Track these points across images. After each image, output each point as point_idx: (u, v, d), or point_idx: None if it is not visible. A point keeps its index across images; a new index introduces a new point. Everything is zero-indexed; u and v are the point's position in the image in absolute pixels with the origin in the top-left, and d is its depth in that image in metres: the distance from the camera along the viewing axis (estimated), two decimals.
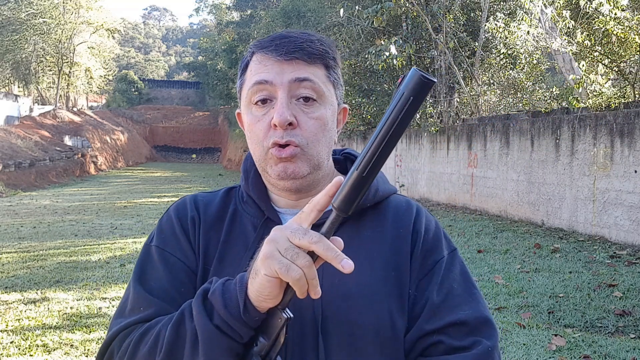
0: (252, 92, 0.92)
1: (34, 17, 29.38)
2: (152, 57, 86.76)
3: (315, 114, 0.91)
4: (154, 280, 0.94)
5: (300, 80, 0.90)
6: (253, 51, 0.95)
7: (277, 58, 0.90)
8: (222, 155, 41.28)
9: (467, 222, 9.98)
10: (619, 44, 9.87)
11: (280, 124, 0.88)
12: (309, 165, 0.92)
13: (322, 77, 0.93)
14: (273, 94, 0.91)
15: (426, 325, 0.89)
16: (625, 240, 7.49)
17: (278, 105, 0.89)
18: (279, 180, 0.93)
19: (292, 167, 0.91)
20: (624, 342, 3.95)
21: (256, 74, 0.92)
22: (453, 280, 0.94)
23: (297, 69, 0.90)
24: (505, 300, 5.03)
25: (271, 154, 0.91)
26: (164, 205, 14.14)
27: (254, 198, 0.98)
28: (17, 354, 3.86)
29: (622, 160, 7.67)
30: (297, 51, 0.90)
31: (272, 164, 0.92)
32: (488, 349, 0.87)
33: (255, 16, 28.95)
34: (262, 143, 0.92)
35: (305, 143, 0.90)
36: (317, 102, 0.92)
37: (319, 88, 0.91)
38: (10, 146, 21.12)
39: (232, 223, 0.99)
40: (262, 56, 0.92)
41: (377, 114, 16.08)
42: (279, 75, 0.90)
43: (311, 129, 0.91)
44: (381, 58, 11.62)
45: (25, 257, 7.26)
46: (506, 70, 13.68)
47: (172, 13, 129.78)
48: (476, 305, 0.92)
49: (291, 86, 0.90)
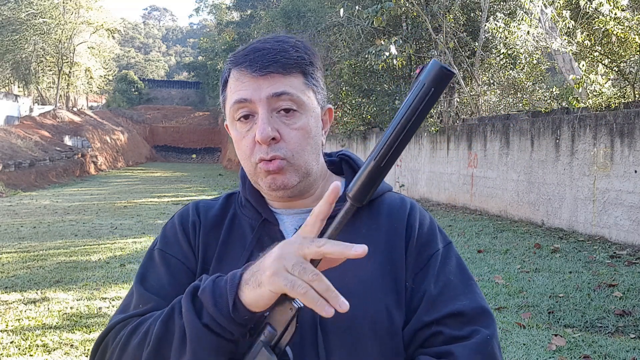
0: (233, 110, 0.94)
1: (34, 17, 29.37)
2: (152, 57, 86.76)
3: (297, 124, 0.93)
4: (154, 280, 0.98)
5: (278, 94, 0.91)
6: (230, 67, 0.97)
7: (252, 75, 0.91)
8: (222, 155, 41.30)
9: (467, 222, 9.98)
10: (619, 44, 9.87)
11: (262, 141, 0.90)
12: (298, 174, 0.94)
13: (300, 85, 0.93)
14: (254, 109, 0.92)
15: (425, 317, 0.91)
16: (625, 240, 7.49)
17: (259, 122, 0.91)
18: (271, 192, 0.96)
19: (280, 178, 0.93)
20: (624, 342, 3.95)
21: (235, 92, 0.94)
22: (449, 273, 0.95)
23: (273, 83, 0.91)
24: (505, 300, 5.03)
25: (259, 168, 0.94)
26: (163, 205, 14.14)
27: (252, 202, 1.01)
28: (17, 354, 3.86)
29: (622, 160, 7.67)
30: (271, 64, 0.91)
31: (262, 177, 0.94)
32: (487, 337, 0.89)
33: (255, 16, 28.97)
34: (249, 159, 0.94)
35: (291, 155, 0.92)
36: (298, 111, 0.93)
37: (297, 99, 0.92)
38: (10, 146, 21.13)
39: (231, 225, 1.01)
40: (239, 72, 0.94)
41: (377, 114, 16.08)
42: (257, 92, 0.91)
43: (295, 140, 0.92)
44: (381, 58, 11.62)
45: (25, 257, 7.26)
46: (506, 70, 13.68)
47: (172, 13, 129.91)
48: (473, 296, 0.93)
49: (270, 101, 0.91)
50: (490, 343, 0.88)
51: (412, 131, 0.72)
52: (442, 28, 12.67)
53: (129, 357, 0.87)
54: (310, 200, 1.00)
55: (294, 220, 1.00)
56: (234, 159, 33.78)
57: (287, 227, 0.99)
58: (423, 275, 0.94)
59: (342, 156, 1.08)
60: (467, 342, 0.88)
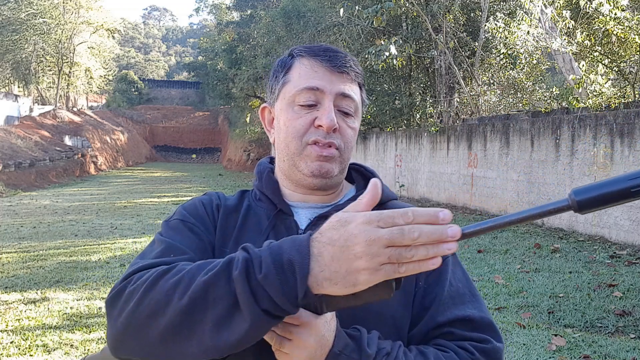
0: (299, 94, 0.98)
1: (34, 17, 29.34)
2: (152, 57, 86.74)
3: (352, 124, 1.01)
4: (179, 238, 0.94)
5: (346, 95, 0.99)
6: (300, 54, 1.01)
7: (330, 68, 0.98)
8: (222, 155, 41.27)
9: (467, 222, 9.98)
10: (619, 44, 9.88)
11: (328, 127, 0.96)
12: (340, 167, 1.00)
13: (359, 95, 1.03)
14: (320, 100, 0.98)
15: (439, 317, 0.94)
16: (625, 240, 7.49)
17: (327, 110, 0.96)
18: (311, 177, 0.99)
19: (327, 166, 0.98)
20: (624, 342, 3.95)
21: (307, 79, 0.98)
22: (458, 281, 0.99)
23: (344, 83, 0.99)
24: (505, 300, 5.03)
25: (310, 150, 0.97)
26: (163, 205, 14.14)
27: (267, 194, 1.04)
28: (17, 354, 3.86)
29: (622, 160, 7.67)
30: (347, 66, 0.99)
31: (308, 160, 0.98)
32: (499, 349, 0.94)
33: (255, 16, 28.92)
34: (301, 138, 0.98)
35: (343, 147, 0.99)
36: (353, 116, 1.01)
37: (356, 106, 1.01)
38: (10, 146, 21.12)
39: (247, 214, 1.04)
40: (313, 62, 0.99)
41: (377, 114, 16.08)
42: (329, 84, 0.97)
43: (348, 136, 1.00)
44: (381, 58, 11.61)
45: (25, 257, 7.26)
46: (506, 70, 13.69)
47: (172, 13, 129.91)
48: (480, 307, 0.98)
49: (337, 97, 0.98)
50: (501, 355, 0.93)
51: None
52: (442, 28, 12.67)
53: (155, 296, 0.76)
54: (324, 198, 1.04)
55: (308, 212, 1.03)
56: (234, 159, 33.78)
57: (302, 218, 1.02)
58: (435, 277, 0.97)
59: (354, 165, 1.13)
60: (482, 345, 0.92)
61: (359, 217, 0.69)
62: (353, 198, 1.02)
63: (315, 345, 0.79)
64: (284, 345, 0.80)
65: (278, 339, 0.80)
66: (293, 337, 0.79)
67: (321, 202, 1.04)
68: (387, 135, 16.48)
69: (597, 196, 0.67)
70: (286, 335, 0.79)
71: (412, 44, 12.91)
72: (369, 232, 0.67)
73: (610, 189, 0.67)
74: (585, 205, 0.68)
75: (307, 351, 0.79)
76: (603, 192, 0.67)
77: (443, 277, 0.97)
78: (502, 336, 0.97)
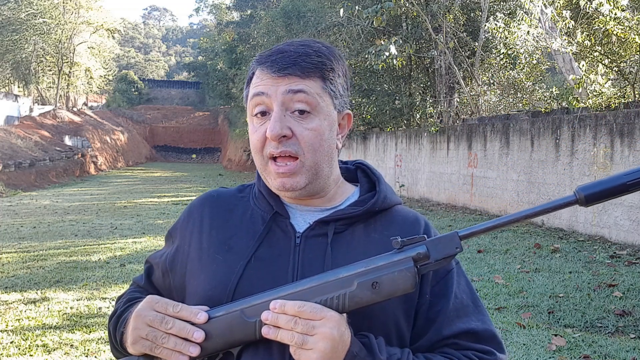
0: (252, 105, 0.98)
1: (34, 17, 29.33)
2: (152, 57, 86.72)
3: (311, 125, 0.94)
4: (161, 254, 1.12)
5: (294, 91, 0.93)
6: (254, 66, 1.00)
7: (272, 74, 0.95)
8: (222, 155, 41.25)
9: (467, 222, 9.98)
10: (619, 44, 9.88)
11: (272, 137, 0.93)
12: (307, 176, 0.96)
13: (317, 88, 0.95)
14: (270, 106, 0.95)
15: (444, 331, 0.95)
16: (625, 240, 7.49)
17: (271, 119, 0.94)
18: (280, 192, 0.99)
19: (290, 181, 0.95)
20: (624, 342, 3.95)
21: (254, 87, 0.97)
22: (463, 292, 1.00)
23: (290, 83, 0.94)
24: (505, 300, 5.02)
25: (270, 167, 0.96)
26: (163, 205, 14.13)
27: (265, 194, 1.03)
28: (17, 354, 3.86)
29: (622, 160, 7.67)
30: (290, 66, 0.94)
31: (272, 177, 0.97)
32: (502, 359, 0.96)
33: (255, 16, 28.89)
34: (261, 152, 0.97)
35: (302, 152, 0.94)
36: (312, 114, 0.95)
37: (312, 100, 0.94)
38: (10, 146, 21.12)
39: (242, 215, 1.04)
40: (260, 71, 0.97)
41: (377, 114, 16.09)
42: (273, 88, 0.94)
43: (307, 139, 0.94)
44: (381, 58, 11.61)
45: (25, 257, 7.26)
46: (506, 70, 13.69)
47: (172, 13, 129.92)
48: (484, 318, 0.99)
49: (284, 99, 0.93)
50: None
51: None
52: (442, 28, 12.67)
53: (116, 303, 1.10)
54: (321, 202, 1.02)
55: (305, 215, 1.01)
56: (234, 159, 33.76)
57: (298, 221, 1.01)
58: (440, 290, 0.97)
59: (359, 165, 1.10)
60: (486, 357, 0.94)
61: (148, 297, 0.92)
62: (355, 203, 1.01)
63: (339, 339, 0.82)
64: (306, 342, 0.81)
65: (300, 337, 0.81)
66: (317, 331, 0.81)
67: (321, 205, 1.02)
68: (387, 135, 16.49)
69: (600, 191, 0.81)
70: (309, 332, 0.81)
71: (412, 44, 12.91)
72: (143, 309, 0.90)
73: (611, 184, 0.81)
74: (590, 199, 0.82)
75: (331, 343, 0.81)
76: (604, 187, 0.81)
77: (449, 289, 0.97)
78: (505, 347, 0.98)
